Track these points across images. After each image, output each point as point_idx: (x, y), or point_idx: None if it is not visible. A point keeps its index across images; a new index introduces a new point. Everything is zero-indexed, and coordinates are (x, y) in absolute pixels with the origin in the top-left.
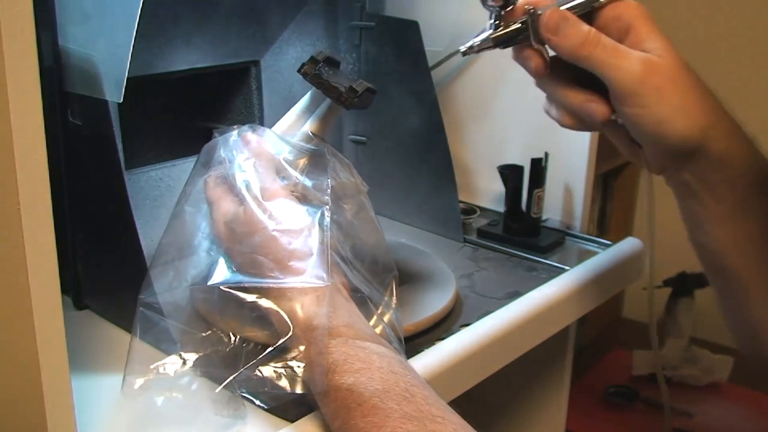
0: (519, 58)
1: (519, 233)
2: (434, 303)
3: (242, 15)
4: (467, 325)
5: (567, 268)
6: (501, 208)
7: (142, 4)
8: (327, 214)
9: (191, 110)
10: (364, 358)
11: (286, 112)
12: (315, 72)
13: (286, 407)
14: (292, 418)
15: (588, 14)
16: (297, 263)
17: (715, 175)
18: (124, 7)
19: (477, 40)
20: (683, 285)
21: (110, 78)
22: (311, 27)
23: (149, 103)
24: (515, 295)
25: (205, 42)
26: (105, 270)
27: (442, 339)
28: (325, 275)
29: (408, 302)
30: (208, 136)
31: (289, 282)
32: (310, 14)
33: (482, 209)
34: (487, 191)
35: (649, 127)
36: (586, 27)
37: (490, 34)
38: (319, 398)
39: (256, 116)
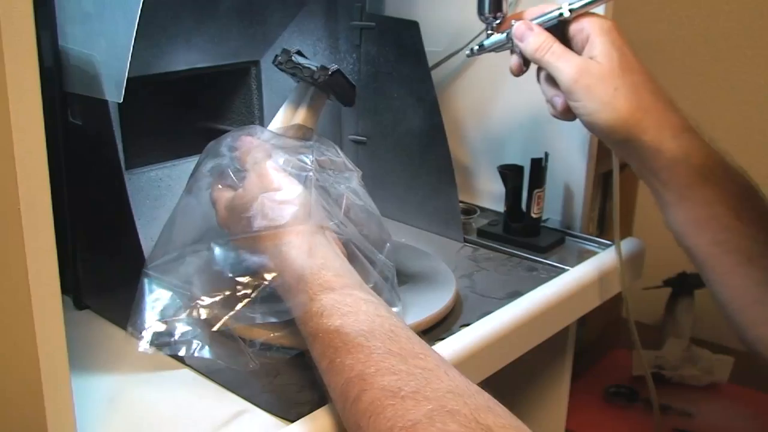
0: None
1: (519, 233)
2: (434, 303)
3: (242, 15)
4: (467, 325)
5: (567, 268)
6: (501, 208)
7: (142, 4)
8: (311, 176)
9: (191, 110)
10: (351, 303)
11: None
12: (288, 59)
13: (286, 407)
14: (292, 418)
15: (562, 27)
16: (278, 216)
17: (653, 163)
18: (124, 7)
19: (475, 46)
20: (683, 285)
21: (110, 78)
22: (311, 27)
23: (149, 103)
24: (515, 295)
25: (205, 42)
26: (105, 270)
27: (442, 339)
28: (301, 218)
29: (408, 302)
30: (208, 136)
31: (265, 230)
32: (310, 14)
33: (482, 209)
34: (487, 191)
35: (583, 118)
36: (543, 36)
37: (484, 43)
38: (309, 341)
39: (256, 116)
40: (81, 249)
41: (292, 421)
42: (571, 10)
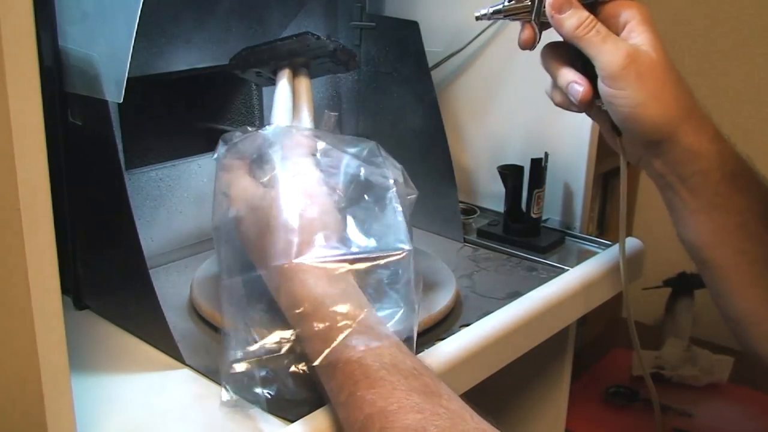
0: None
1: (519, 233)
2: (434, 303)
3: (242, 15)
4: (467, 325)
5: (567, 268)
6: (501, 208)
7: (142, 4)
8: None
9: (191, 110)
10: (374, 336)
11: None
12: (242, 59)
13: (286, 407)
14: (292, 418)
15: (592, 8)
16: (302, 249)
17: (687, 167)
18: (124, 7)
19: (490, 9)
20: (683, 285)
21: (110, 78)
22: (311, 27)
23: (149, 103)
24: (515, 295)
25: (205, 42)
26: (105, 270)
27: (442, 339)
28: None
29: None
30: (208, 136)
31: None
32: (310, 14)
33: (482, 209)
34: (487, 191)
35: (626, 109)
36: (585, 12)
37: (504, 6)
38: (326, 372)
39: (256, 116)
40: (81, 249)
41: (292, 421)
42: None
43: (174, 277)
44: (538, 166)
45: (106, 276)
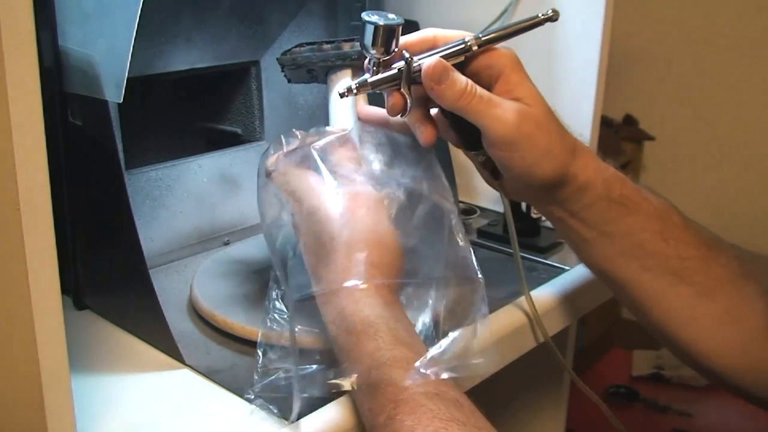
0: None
1: (519, 233)
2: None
3: (242, 15)
4: (468, 325)
5: (567, 268)
6: (501, 208)
7: (142, 4)
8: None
9: (191, 110)
10: (421, 363)
11: (286, 111)
12: (291, 59)
13: (286, 407)
14: (292, 418)
15: (463, 65)
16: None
17: (576, 203)
18: (124, 7)
19: (355, 83)
20: None
21: (110, 78)
22: (311, 27)
23: (149, 103)
24: (515, 295)
25: (205, 42)
26: (105, 270)
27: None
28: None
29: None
30: (208, 136)
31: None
32: (310, 14)
33: (482, 209)
34: (487, 191)
35: (520, 170)
36: (464, 79)
37: (369, 78)
38: (367, 392)
39: (256, 116)
40: (81, 249)
41: (292, 422)
42: (480, 45)
43: (174, 277)
44: None
45: (106, 276)
